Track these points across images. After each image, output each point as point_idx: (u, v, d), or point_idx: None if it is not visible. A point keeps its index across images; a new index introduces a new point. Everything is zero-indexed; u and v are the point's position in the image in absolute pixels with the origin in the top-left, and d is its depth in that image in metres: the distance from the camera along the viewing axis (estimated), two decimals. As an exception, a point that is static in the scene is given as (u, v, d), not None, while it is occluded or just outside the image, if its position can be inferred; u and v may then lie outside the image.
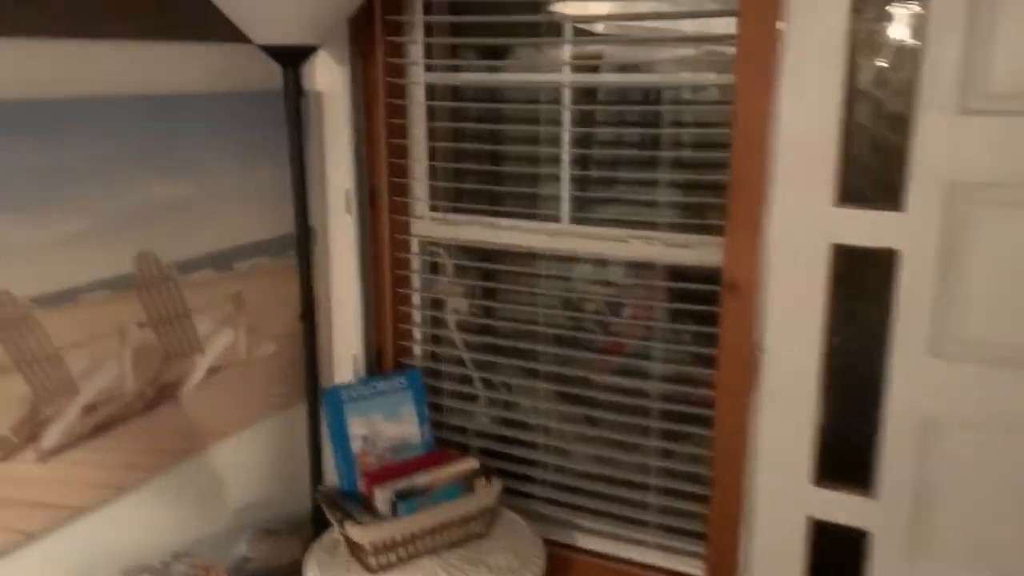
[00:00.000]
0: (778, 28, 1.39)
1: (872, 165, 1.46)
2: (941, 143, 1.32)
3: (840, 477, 1.53)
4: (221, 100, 1.57)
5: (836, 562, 1.58)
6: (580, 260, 1.80)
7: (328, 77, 1.79)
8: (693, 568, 1.72)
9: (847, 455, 1.53)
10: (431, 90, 1.84)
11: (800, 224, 1.45)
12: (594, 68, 1.72)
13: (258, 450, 1.74)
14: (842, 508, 1.53)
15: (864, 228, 1.41)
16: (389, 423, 1.76)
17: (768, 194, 1.46)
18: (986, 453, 1.40)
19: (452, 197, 1.92)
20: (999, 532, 1.41)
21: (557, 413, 1.84)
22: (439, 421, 1.94)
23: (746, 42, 1.41)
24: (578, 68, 1.70)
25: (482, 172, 1.91)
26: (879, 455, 1.48)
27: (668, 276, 1.69)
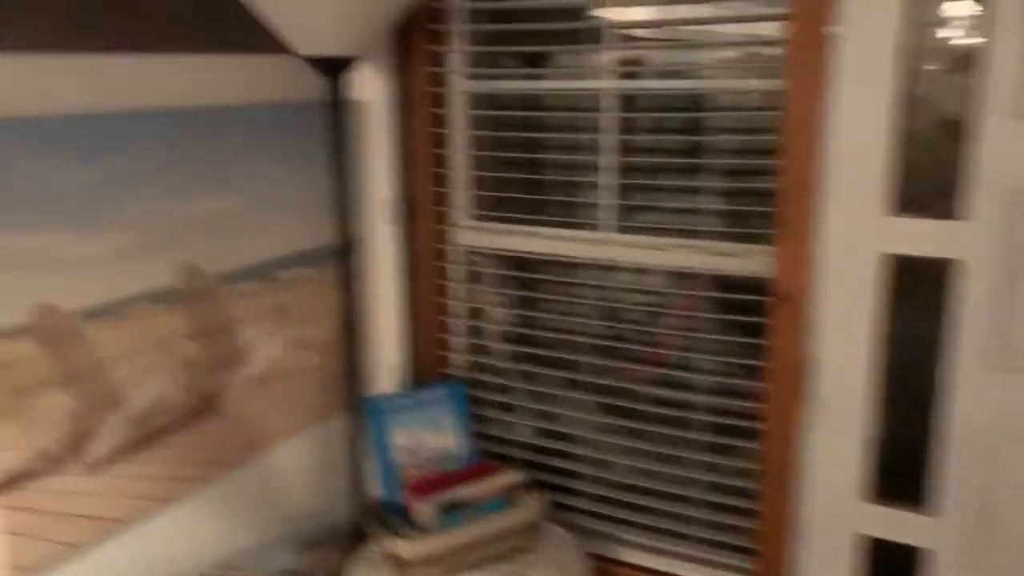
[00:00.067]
0: (827, 32, 1.35)
1: (928, 173, 1.42)
2: (1005, 149, 1.28)
3: (893, 493, 1.49)
4: (262, 111, 1.57)
5: (890, 580, 1.54)
6: (621, 269, 1.77)
7: (369, 87, 1.79)
8: (740, 583, 1.69)
9: (900, 470, 1.49)
10: (472, 99, 1.83)
11: (854, 234, 1.41)
12: (633, 75, 1.69)
13: (300, 461, 1.74)
14: (897, 525, 1.49)
15: (922, 238, 1.37)
16: (430, 434, 1.75)
17: (820, 203, 1.42)
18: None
19: (492, 206, 1.91)
20: (1064, 551, 1.37)
21: (600, 425, 1.82)
22: (480, 432, 1.92)
23: (797, 46, 1.38)
24: (621, 75, 1.68)
25: (522, 180, 1.90)
26: (939, 470, 1.43)
27: (711, 285, 1.66)
